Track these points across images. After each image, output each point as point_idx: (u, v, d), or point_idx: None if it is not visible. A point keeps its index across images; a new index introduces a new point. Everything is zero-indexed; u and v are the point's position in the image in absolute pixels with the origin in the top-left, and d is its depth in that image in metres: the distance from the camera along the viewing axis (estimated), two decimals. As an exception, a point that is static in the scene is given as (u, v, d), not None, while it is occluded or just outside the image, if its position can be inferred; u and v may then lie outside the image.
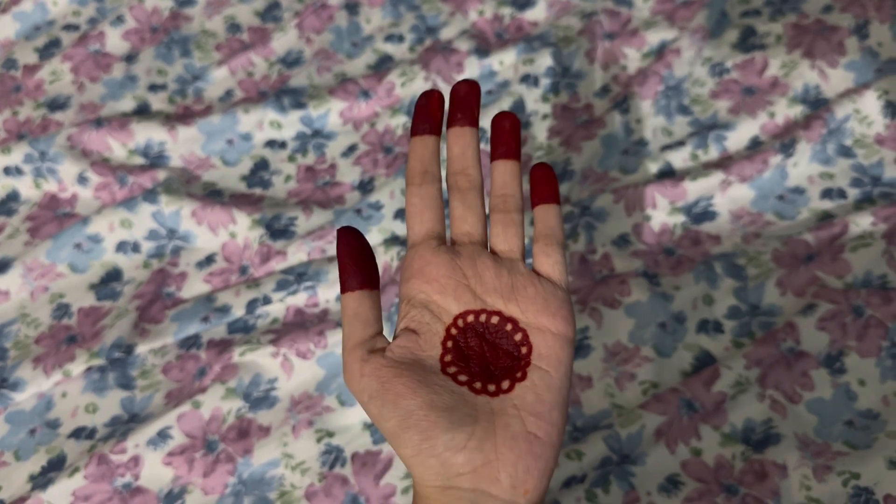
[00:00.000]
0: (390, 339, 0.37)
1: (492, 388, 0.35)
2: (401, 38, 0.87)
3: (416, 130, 0.40)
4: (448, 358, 0.36)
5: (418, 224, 0.39)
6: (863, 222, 0.66)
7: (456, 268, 0.37)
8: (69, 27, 0.94)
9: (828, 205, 0.70)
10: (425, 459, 0.33)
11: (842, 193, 0.70)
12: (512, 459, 0.33)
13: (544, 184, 0.41)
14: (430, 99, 0.40)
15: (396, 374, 0.34)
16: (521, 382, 0.35)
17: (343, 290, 0.36)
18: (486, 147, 0.76)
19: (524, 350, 0.36)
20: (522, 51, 0.82)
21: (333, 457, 0.63)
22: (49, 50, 0.92)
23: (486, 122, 0.77)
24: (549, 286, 0.38)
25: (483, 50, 0.83)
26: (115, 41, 0.91)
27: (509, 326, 0.37)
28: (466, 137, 0.40)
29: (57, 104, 0.87)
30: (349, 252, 0.36)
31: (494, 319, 0.37)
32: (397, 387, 0.34)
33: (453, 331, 0.36)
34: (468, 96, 0.41)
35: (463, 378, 0.35)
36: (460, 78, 0.81)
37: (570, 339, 0.37)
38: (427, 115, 0.40)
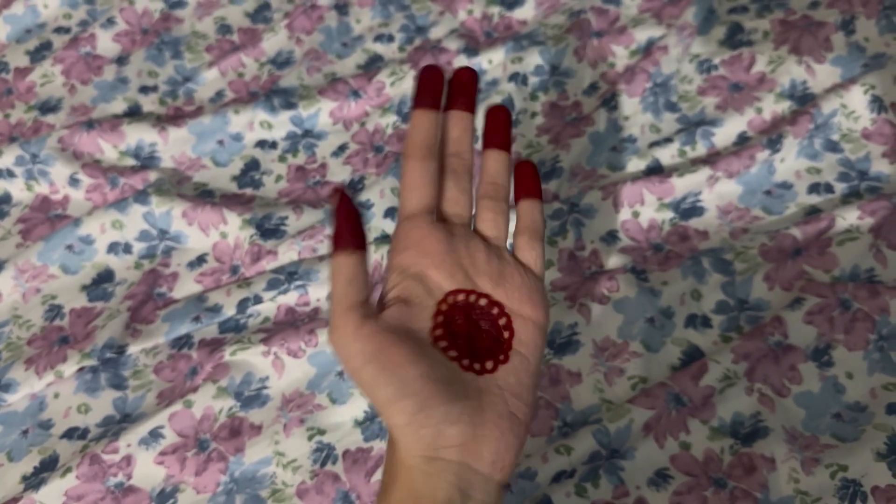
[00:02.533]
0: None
1: (477, 366, 0.37)
2: (390, 38, 0.88)
3: (420, 103, 0.40)
4: (438, 332, 0.37)
5: (416, 197, 0.39)
6: (849, 216, 0.67)
7: (452, 246, 0.38)
8: (60, 30, 0.94)
9: (815, 199, 0.70)
10: (418, 429, 0.34)
11: (829, 188, 0.71)
12: (496, 436, 0.35)
13: (529, 179, 0.42)
14: (433, 73, 0.40)
15: (394, 341, 0.34)
16: (504, 365, 0.37)
17: (338, 249, 0.35)
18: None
19: (507, 334, 0.38)
20: (511, 49, 0.82)
21: (325, 454, 0.63)
22: (40, 52, 0.92)
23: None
24: (533, 277, 0.40)
25: (472, 49, 0.83)
26: (105, 43, 0.91)
27: (496, 310, 0.38)
28: (465, 122, 0.41)
29: (48, 106, 0.87)
30: (346, 213, 0.35)
31: (483, 302, 0.38)
32: (395, 355, 0.34)
33: (443, 307, 0.37)
34: (469, 83, 0.41)
35: (452, 353, 0.37)
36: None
37: (545, 329, 0.39)
38: (432, 89, 0.40)
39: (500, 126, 0.43)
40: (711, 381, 0.61)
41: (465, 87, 0.41)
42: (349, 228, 0.35)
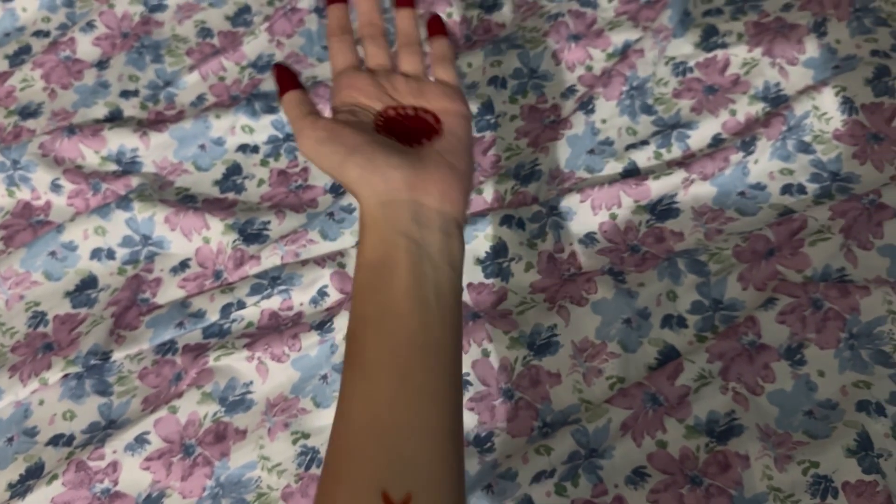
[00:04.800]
0: None
1: (415, 145, 0.45)
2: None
3: (329, 1, 0.50)
4: (379, 128, 0.45)
5: (341, 58, 0.49)
6: (821, 217, 0.68)
7: (376, 81, 0.47)
8: (39, 33, 0.94)
9: (788, 200, 0.72)
10: (369, 177, 0.41)
11: (801, 189, 0.72)
12: (438, 177, 0.42)
13: (436, 24, 0.52)
14: None
15: (344, 126, 0.43)
16: (438, 139, 0.45)
17: (282, 91, 0.46)
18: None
19: (436, 124, 0.46)
20: (490, 52, 0.83)
21: (309, 458, 0.64)
22: (19, 57, 0.92)
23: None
24: (449, 86, 0.49)
25: (451, 52, 0.84)
26: (85, 47, 0.91)
27: (423, 112, 0.47)
28: (369, 2, 0.51)
29: (28, 111, 0.87)
30: (285, 70, 0.47)
31: (411, 110, 0.47)
32: (344, 132, 0.43)
33: (380, 120, 0.46)
34: None
35: (392, 139, 0.45)
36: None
37: (467, 115, 0.47)
38: None
39: None
40: (687, 380, 0.63)
41: None
42: (289, 76, 0.46)
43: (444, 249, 0.41)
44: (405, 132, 0.45)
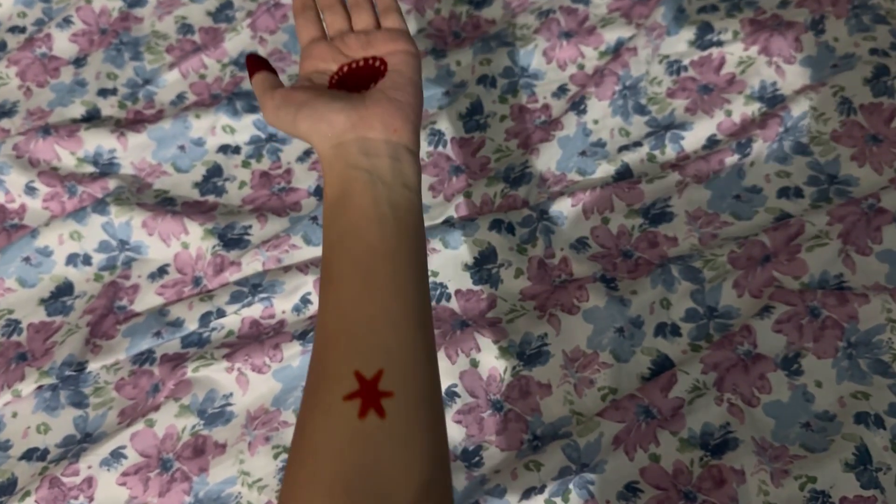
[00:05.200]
0: None
1: (363, 90, 0.49)
2: None
3: None
4: (332, 87, 0.50)
5: (305, 34, 0.53)
6: (819, 222, 0.66)
7: (331, 46, 0.52)
8: (15, 29, 0.91)
9: (784, 204, 0.70)
10: (317, 125, 0.45)
11: (798, 192, 0.70)
12: (380, 112, 0.46)
13: None
14: None
15: (295, 89, 0.48)
16: (382, 80, 0.49)
17: (251, 74, 0.50)
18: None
19: (382, 67, 0.50)
20: (479, 50, 0.81)
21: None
22: (-6, 53, 0.89)
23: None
24: (393, 31, 0.52)
25: (440, 50, 0.82)
26: (62, 44, 0.88)
27: (371, 60, 0.51)
28: None
29: (3, 110, 0.85)
30: (253, 56, 0.51)
31: (361, 62, 0.51)
32: (295, 94, 0.47)
33: (335, 78, 0.51)
34: None
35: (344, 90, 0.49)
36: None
37: (413, 53, 0.51)
38: None
39: None
40: (681, 392, 0.61)
41: None
42: (258, 61, 0.51)
43: (396, 171, 0.45)
44: (354, 81, 0.50)
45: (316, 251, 0.72)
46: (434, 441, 0.38)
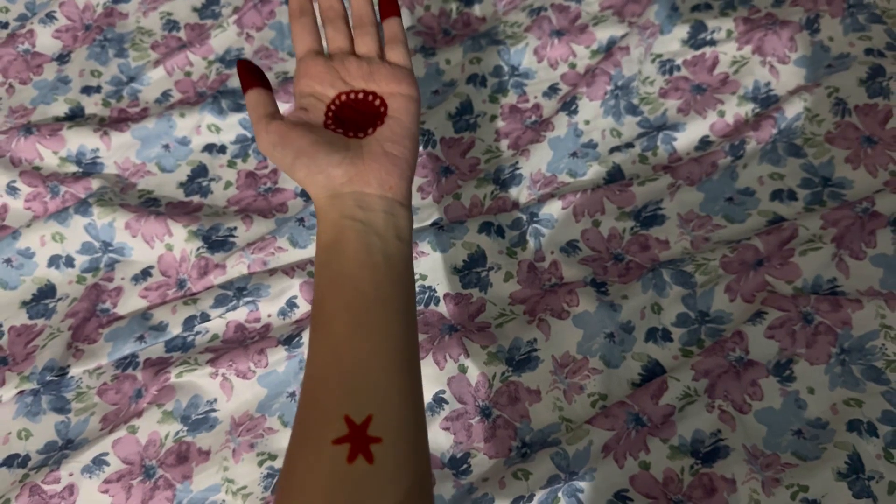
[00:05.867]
0: None
1: (361, 134, 0.49)
2: None
3: None
4: (328, 121, 0.49)
5: (301, 44, 0.52)
6: (812, 225, 0.66)
7: (330, 67, 0.51)
8: (-3, 25, 0.90)
9: (778, 206, 0.69)
10: (314, 176, 0.46)
11: (792, 195, 0.69)
12: (376, 168, 0.47)
13: (388, 5, 0.54)
14: None
15: (293, 129, 0.47)
16: (380, 127, 0.49)
17: (244, 89, 0.50)
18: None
19: (382, 109, 0.50)
20: (469, 49, 0.79)
21: (276, 480, 0.61)
22: (-24, 49, 0.88)
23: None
24: (398, 67, 0.52)
25: (429, 48, 0.81)
26: (45, 40, 0.87)
27: (371, 97, 0.51)
28: None
29: (-15, 108, 0.83)
30: (248, 66, 0.50)
31: (360, 95, 0.50)
32: (292, 135, 0.47)
33: (332, 107, 0.50)
34: None
35: (339, 131, 0.49)
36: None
37: (414, 98, 0.51)
38: None
39: None
40: (671, 399, 0.60)
41: None
42: (252, 73, 0.50)
43: (389, 225, 0.46)
44: (353, 118, 0.50)
45: (302, 253, 0.70)
46: (419, 481, 0.40)
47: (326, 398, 0.40)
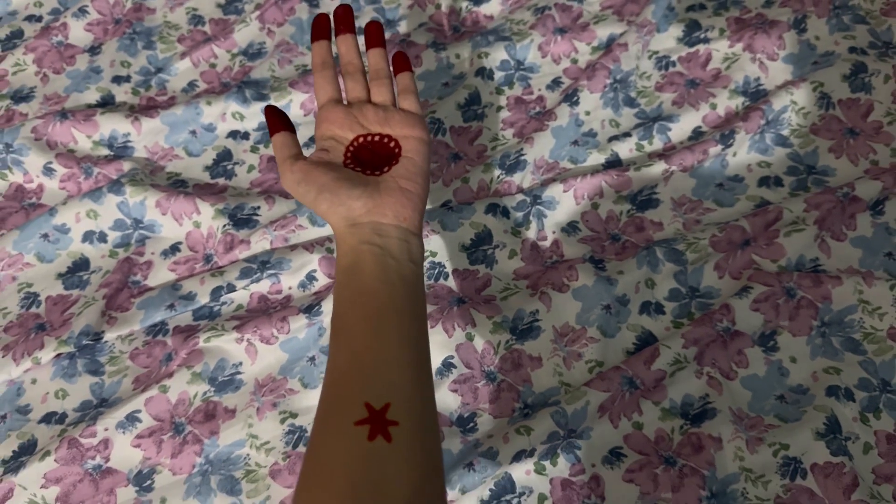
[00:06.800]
0: None
1: (377, 172, 0.54)
2: (360, 31, 0.89)
3: (314, 38, 0.60)
4: (348, 161, 0.55)
5: (323, 93, 0.58)
6: (796, 208, 0.70)
7: (349, 113, 0.57)
8: (31, 18, 0.95)
9: (765, 192, 0.74)
10: (336, 209, 0.51)
11: (778, 181, 0.74)
12: (392, 202, 0.52)
13: (401, 61, 0.61)
14: (321, 18, 0.60)
15: (316, 167, 0.53)
16: (395, 166, 0.54)
17: (272, 133, 0.56)
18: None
19: (396, 150, 0.56)
20: (478, 44, 0.85)
21: (297, 436, 0.66)
22: (11, 41, 0.93)
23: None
24: (410, 114, 0.58)
25: (440, 43, 0.86)
26: (78, 33, 0.92)
27: (387, 139, 0.56)
28: (349, 41, 0.60)
29: (21, 95, 0.88)
30: (274, 111, 0.57)
31: (377, 137, 0.56)
32: (315, 173, 0.52)
33: (351, 148, 0.55)
34: (346, 15, 0.61)
35: (358, 169, 0.54)
36: (418, 72, 0.84)
37: (426, 140, 0.57)
38: (320, 28, 0.60)
39: (374, 34, 0.61)
40: (663, 364, 0.65)
41: (344, 19, 0.61)
42: (279, 118, 0.56)
43: (404, 250, 0.51)
44: (369, 156, 0.55)
45: (321, 231, 0.75)
46: (431, 459, 0.44)
47: (348, 390, 0.44)
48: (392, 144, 0.56)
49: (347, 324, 0.47)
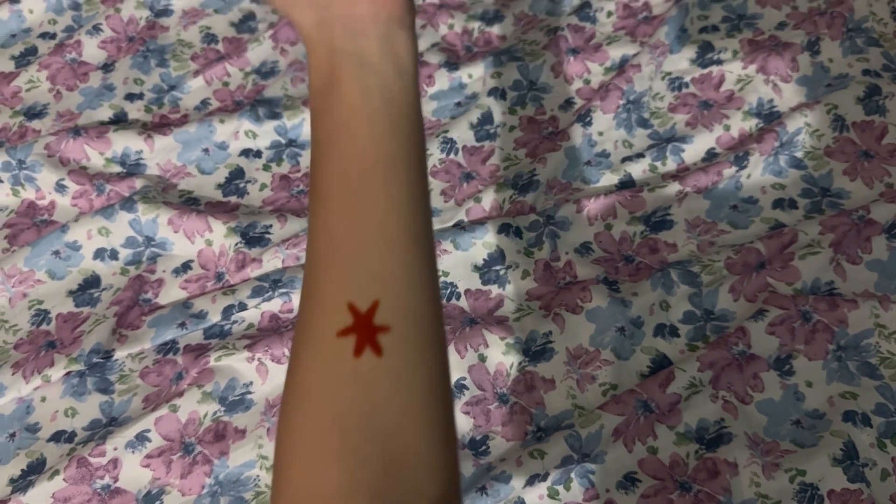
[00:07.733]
0: None
1: None
2: None
3: None
4: None
5: None
6: (811, 231, 0.70)
7: None
8: (45, 35, 0.95)
9: (779, 214, 0.74)
10: (299, 3, 0.39)
11: (793, 203, 0.74)
12: None
13: None
14: None
15: None
16: None
17: None
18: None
19: None
20: (491, 64, 0.85)
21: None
22: (25, 58, 0.93)
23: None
24: None
25: (453, 63, 0.86)
26: (91, 50, 0.92)
27: None
28: None
29: (34, 112, 0.89)
30: None
31: None
32: None
33: None
34: None
35: None
36: (431, 91, 0.84)
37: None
38: None
39: None
40: (678, 388, 0.64)
41: None
42: None
43: (387, 53, 0.39)
44: None
45: (333, 250, 0.75)
46: (435, 377, 0.36)
47: (327, 285, 0.35)
48: None
49: (323, 184, 0.37)
